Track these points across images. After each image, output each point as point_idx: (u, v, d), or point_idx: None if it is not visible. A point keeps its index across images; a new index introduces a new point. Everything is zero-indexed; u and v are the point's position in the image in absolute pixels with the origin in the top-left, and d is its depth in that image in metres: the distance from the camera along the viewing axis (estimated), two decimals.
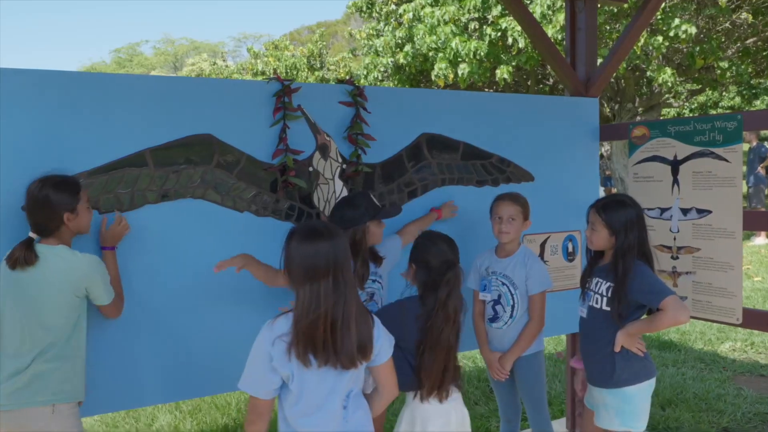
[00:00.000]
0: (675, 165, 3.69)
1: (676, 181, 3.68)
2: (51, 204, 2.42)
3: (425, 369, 2.60)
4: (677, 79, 11.10)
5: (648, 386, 2.90)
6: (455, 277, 2.66)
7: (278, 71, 17.55)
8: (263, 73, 17.78)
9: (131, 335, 2.82)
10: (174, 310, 2.92)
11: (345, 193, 3.28)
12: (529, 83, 13.01)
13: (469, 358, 6.05)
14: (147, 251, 2.85)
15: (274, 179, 3.11)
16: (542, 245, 3.91)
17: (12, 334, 2.40)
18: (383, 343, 2.22)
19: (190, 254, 2.93)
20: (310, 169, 3.20)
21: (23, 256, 2.39)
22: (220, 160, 2.99)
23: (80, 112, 2.71)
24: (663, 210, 3.74)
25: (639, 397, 2.88)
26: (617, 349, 2.83)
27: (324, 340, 2.02)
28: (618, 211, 2.86)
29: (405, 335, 2.59)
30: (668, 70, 10.58)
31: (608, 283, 2.86)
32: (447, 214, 3.56)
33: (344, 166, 3.29)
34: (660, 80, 10.60)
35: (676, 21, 9.88)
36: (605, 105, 13.28)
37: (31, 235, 2.45)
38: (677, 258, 3.67)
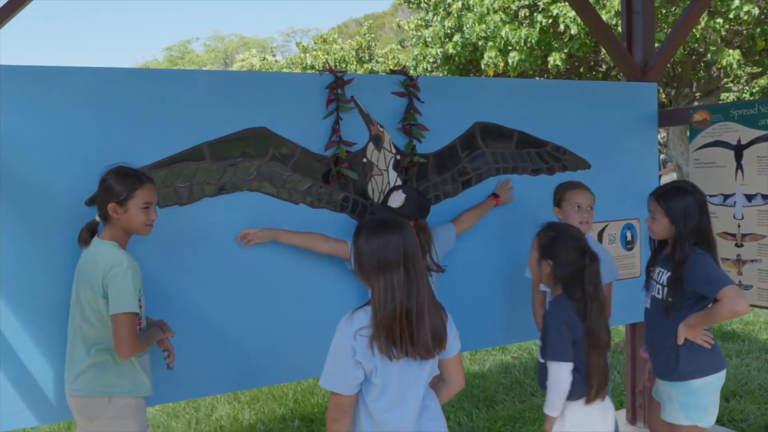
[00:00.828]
0: (738, 150, 3.56)
1: (739, 167, 3.56)
2: (105, 190, 2.42)
3: (597, 371, 2.50)
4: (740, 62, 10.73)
5: (716, 380, 2.79)
6: (597, 267, 2.56)
7: (328, 64, 17.64)
8: (313, 67, 17.90)
9: (191, 327, 2.86)
10: (232, 302, 2.96)
11: (399, 183, 3.27)
12: (581, 70, 12.75)
13: (524, 349, 5.99)
14: (206, 243, 2.89)
15: (327, 171, 3.13)
16: (600, 234, 3.83)
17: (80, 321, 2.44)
18: (455, 335, 2.20)
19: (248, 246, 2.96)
20: (364, 160, 3.20)
21: (80, 235, 2.48)
22: (275, 152, 3.02)
23: (139, 108, 2.76)
24: (726, 196, 3.62)
25: (706, 390, 2.78)
26: (680, 341, 2.74)
27: (401, 331, 2.00)
28: (678, 199, 2.77)
29: (576, 338, 2.51)
30: (733, 52, 10.20)
31: (668, 273, 2.78)
32: (505, 199, 3.49)
33: (398, 156, 3.28)
34: (724, 62, 10.24)
35: (737, 2, 9.55)
36: (661, 90, 12.93)
37: (96, 218, 2.49)
38: (742, 246, 3.55)
